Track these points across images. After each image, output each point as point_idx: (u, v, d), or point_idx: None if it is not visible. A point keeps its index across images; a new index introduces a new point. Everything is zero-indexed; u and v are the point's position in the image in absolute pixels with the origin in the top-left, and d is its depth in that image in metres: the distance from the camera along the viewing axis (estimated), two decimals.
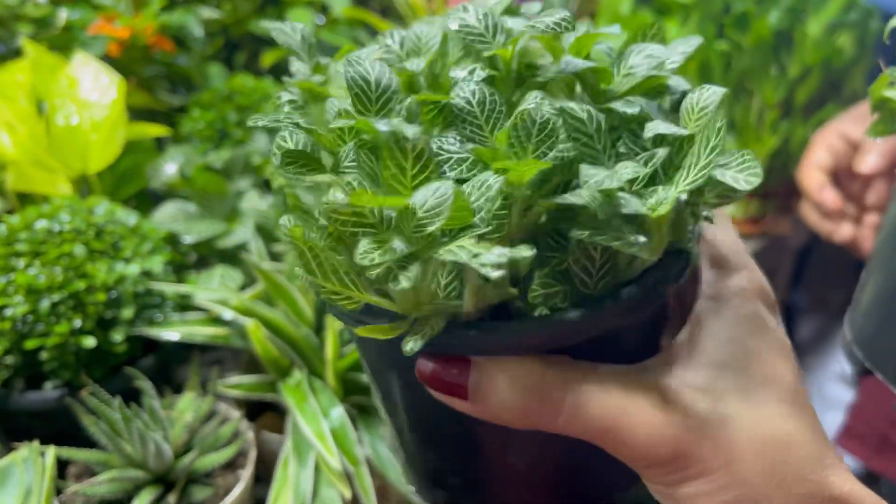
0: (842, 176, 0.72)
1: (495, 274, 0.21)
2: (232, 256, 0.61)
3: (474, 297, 0.24)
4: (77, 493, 0.48)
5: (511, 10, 0.31)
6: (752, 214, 0.99)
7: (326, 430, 0.49)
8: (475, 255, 0.21)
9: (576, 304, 0.24)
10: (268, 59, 0.84)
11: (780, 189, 0.99)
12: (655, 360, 0.26)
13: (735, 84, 0.98)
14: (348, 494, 0.47)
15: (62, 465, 0.51)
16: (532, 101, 0.25)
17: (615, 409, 0.24)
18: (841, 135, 0.72)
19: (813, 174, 0.71)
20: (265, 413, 0.59)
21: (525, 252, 0.21)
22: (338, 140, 0.26)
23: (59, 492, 0.49)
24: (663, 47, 0.27)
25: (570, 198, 0.22)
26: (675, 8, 1.00)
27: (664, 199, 0.23)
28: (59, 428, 0.55)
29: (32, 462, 0.49)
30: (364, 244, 0.23)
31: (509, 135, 0.24)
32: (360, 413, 0.55)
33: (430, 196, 0.22)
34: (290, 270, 0.58)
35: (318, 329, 0.57)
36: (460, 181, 0.24)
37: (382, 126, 0.23)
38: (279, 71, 0.93)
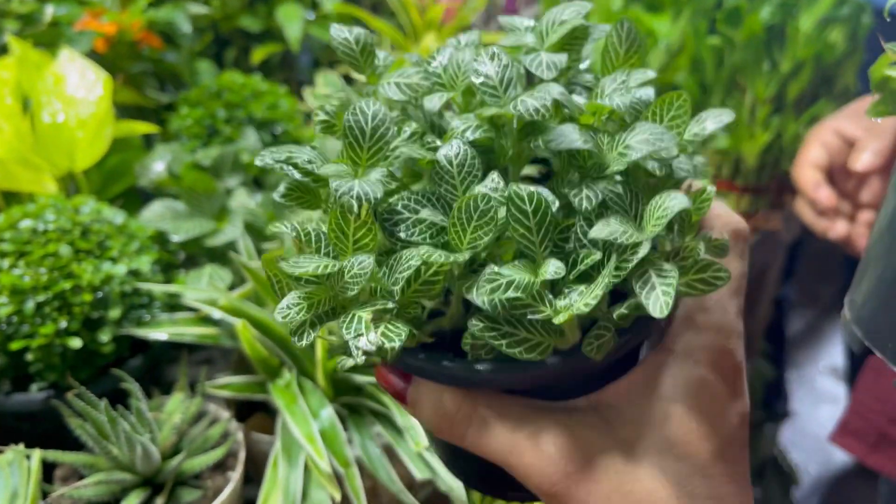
0: (836, 173, 0.71)
1: (360, 359, 0.25)
2: (221, 255, 0.61)
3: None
4: (63, 496, 0.48)
5: (576, 36, 0.30)
6: (744, 210, 0.99)
7: (316, 431, 0.48)
8: (356, 336, 0.25)
9: (500, 359, 0.27)
10: (257, 55, 0.83)
11: (771, 185, 0.99)
12: (581, 401, 0.28)
13: (727, 79, 0.97)
14: (338, 497, 0.47)
15: (49, 468, 0.51)
16: (487, 183, 0.27)
17: (506, 445, 0.27)
18: (836, 132, 0.71)
19: (808, 171, 0.71)
20: (255, 414, 0.58)
21: (393, 343, 0.25)
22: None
23: (45, 495, 0.49)
24: (666, 131, 0.27)
25: (474, 298, 0.25)
26: (666, 3, 0.99)
27: (571, 305, 0.24)
28: (46, 430, 0.54)
29: (18, 465, 0.48)
30: (288, 299, 0.26)
31: (453, 215, 0.26)
32: (351, 413, 0.54)
33: (355, 265, 0.25)
34: None
35: None
36: (408, 243, 0.26)
37: (335, 189, 0.26)
38: (269, 67, 0.92)
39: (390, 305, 0.26)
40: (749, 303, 1.32)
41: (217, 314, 0.55)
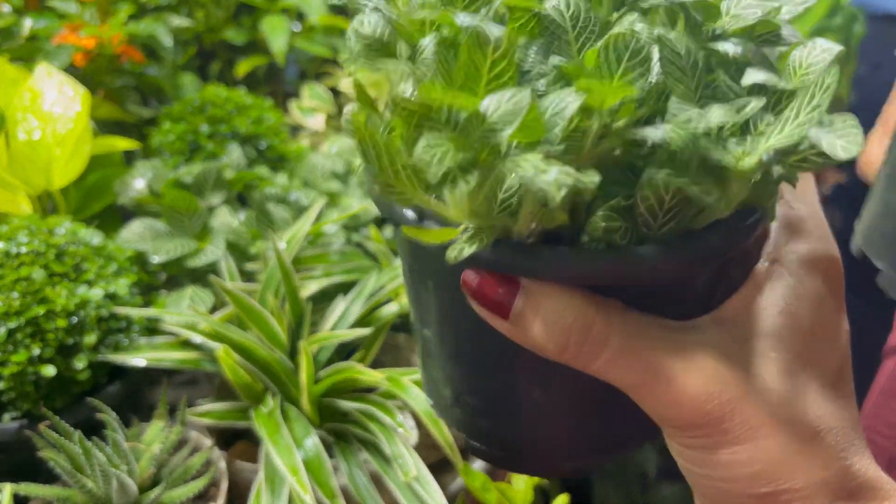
0: None
1: (559, 195, 0.19)
2: (203, 276, 0.59)
3: (529, 218, 0.22)
4: None
5: None
6: None
7: (300, 462, 0.46)
8: (541, 172, 0.19)
9: (635, 243, 0.23)
10: (242, 68, 0.81)
11: None
12: (705, 319, 0.25)
13: None
14: None
15: (21, 501, 0.49)
16: (629, 22, 0.23)
17: (655, 364, 0.23)
18: None
19: None
20: (239, 440, 0.56)
21: (592, 177, 0.20)
22: (417, 32, 0.24)
23: None
24: None
25: (652, 133, 0.21)
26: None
27: (752, 150, 0.21)
28: (19, 461, 0.52)
29: None
30: (429, 138, 0.21)
31: (598, 55, 0.22)
32: (337, 440, 0.52)
33: (504, 101, 0.20)
34: (263, 292, 0.55)
35: (293, 353, 0.55)
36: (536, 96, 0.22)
37: (464, 20, 0.21)
38: (254, 80, 0.90)
39: (556, 147, 0.21)
40: None
41: (198, 338, 0.53)
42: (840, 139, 0.21)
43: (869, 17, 1.10)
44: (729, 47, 0.23)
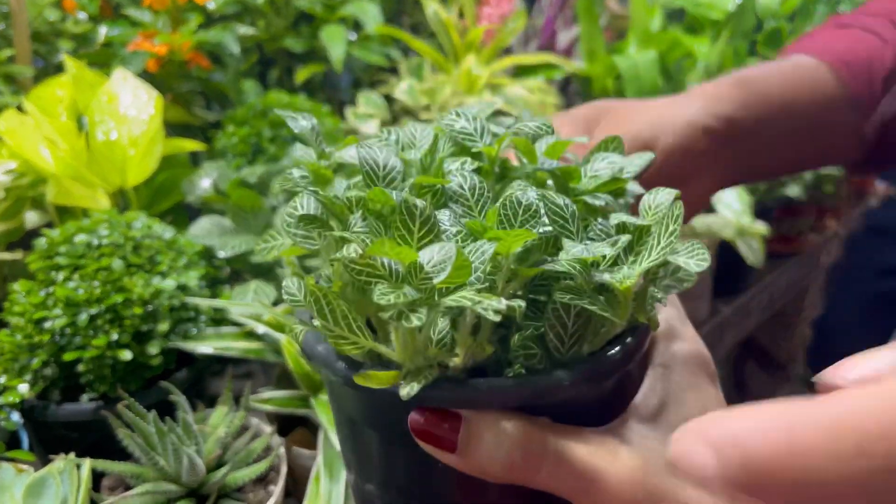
0: None
1: (496, 317, 0.24)
2: (266, 271, 0.62)
3: (463, 352, 0.27)
4: None
5: (492, 117, 0.37)
6: (785, 233, 0.97)
7: None
8: (477, 302, 0.24)
9: (552, 367, 0.28)
10: (301, 75, 0.85)
11: (812, 208, 0.98)
12: (617, 422, 0.29)
13: None
14: None
15: (96, 477, 0.52)
16: (517, 187, 0.29)
17: (587, 471, 0.26)
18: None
19: None
20: (296, 428, 0.59)
21: (519, 302, 0.25)
22: (346, 209, 0.30)
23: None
24: (621, 157, 0.33)
25: (555, 266, 0.27)
26: (706, 25, 0.99)
27: (630, 275, 0.27)
28: (94, 439, 0.56)
29: (69, 474, 0.49)
30: (380, 288, 0.26)
31: (498, 213, 0.28)
32: None
33: (435, 253, 0.25)
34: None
35: None
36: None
37: (396, 196, 0.27)
38: (311, 86, 0.94)
39: (480, 286, 0.26)
40: (785, 325, 1.31)
41: (261, 329, 0.56)
42: (692, 259, 0.27)
43: None
44: (594, 200, 0.30)
